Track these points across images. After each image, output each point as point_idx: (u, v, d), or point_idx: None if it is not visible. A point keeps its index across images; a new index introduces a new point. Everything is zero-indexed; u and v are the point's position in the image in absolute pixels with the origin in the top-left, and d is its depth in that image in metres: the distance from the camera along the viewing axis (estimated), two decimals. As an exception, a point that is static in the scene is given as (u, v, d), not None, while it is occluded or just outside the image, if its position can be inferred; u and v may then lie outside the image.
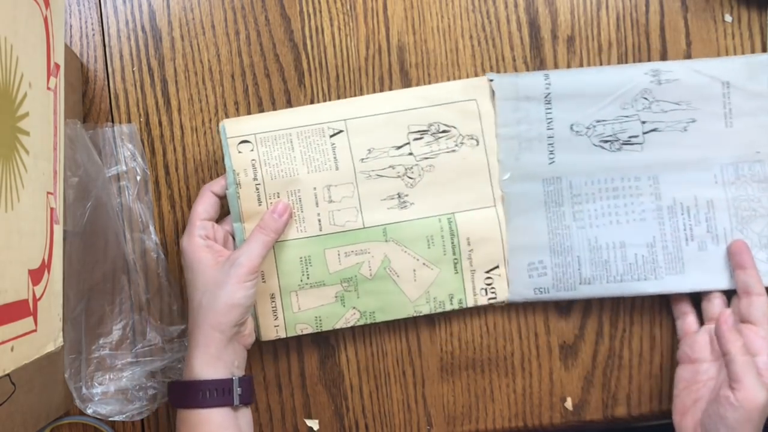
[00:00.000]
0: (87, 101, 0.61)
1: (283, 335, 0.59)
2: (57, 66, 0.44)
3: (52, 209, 0.42)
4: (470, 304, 0.59)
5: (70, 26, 0.61)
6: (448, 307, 0.59)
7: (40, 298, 0.39)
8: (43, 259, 0.40)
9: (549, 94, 0.59)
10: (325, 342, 0.62)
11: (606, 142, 0.59)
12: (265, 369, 0.62)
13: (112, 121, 0.61)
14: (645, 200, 0.60)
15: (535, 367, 0.63)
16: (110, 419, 0.58)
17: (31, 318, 0.38)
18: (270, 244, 0.55)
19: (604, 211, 0.60)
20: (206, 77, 0.61)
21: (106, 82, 0.61)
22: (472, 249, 0.59)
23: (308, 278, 0.58)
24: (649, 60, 0.62)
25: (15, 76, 0.37)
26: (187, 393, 0.53)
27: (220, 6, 0.61)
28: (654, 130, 0.59)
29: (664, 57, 0.62)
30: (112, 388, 0.58)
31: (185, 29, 0.61)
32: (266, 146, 0.57)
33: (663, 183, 0.60)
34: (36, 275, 0.39)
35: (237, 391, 0.53)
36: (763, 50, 0.63)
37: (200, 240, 0.54)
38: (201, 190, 0.57)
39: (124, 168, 0.60)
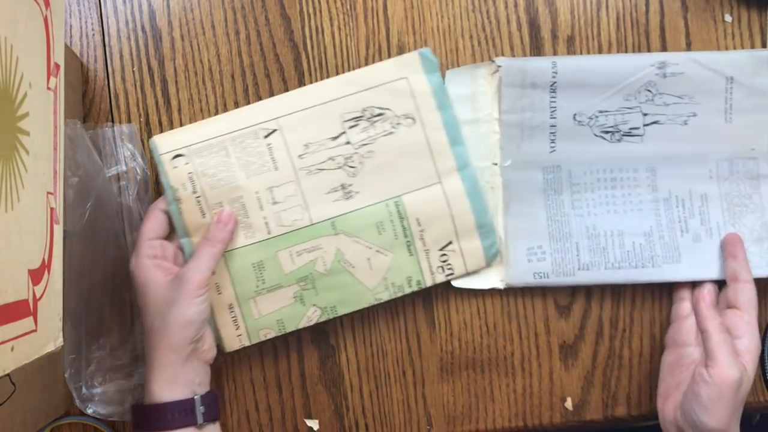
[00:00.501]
0: (87, 101, 0.61)
1: (246, 343, 0.58)
2: (57, 66, 0.44)
3: (52, 209, 0.42)
4: (429, 283, 0.59)
5: (70, 26, 0.61)
6: (408, 290, 0.59)
7: (40, 298, 0.39)
8: (43, 259, 0.40)
9: (555, 82, 0.59)
10: (325, 342, 0.62)
11: (607, 132, 0.60)
12: (265, 369, 0.62)
13: (112, 121, 0.61)
14: (642, 191, 0.61)
15: (535, 367, 0.63)
16: (110, 419, 0.58)
17: (31, 318, 0.38)
18: (218, 255, 0.54)
19: (603, 201, 0.61)
20: (206, 77, 0.61)
21: (106, 82, 0.61)
22: (423, 229, 0.58)
23: (264, 283, 0.57)
24: (649, 60, 0.62)
25: (15, 76, 0.37)
26: (148, 417, 0.52)
27: (220, 6, 0.61)
28: (655, 122, 0.60)
29: (664, 57, 0.62)
30: (112, 388, 0.58)
31: (185, 29, 0.61)
32: (201, 157, 0.56)
33: (660, 175, 0.61)
34: (36, 275, 0.39)
35: (200, 409, 0.52)
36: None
37: (148, 260, 0.53)
38: (149, 208, 0.56)
39: (124, 168, 0.60)
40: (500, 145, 0.60)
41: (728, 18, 0.63)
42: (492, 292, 0.62)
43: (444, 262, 0.59)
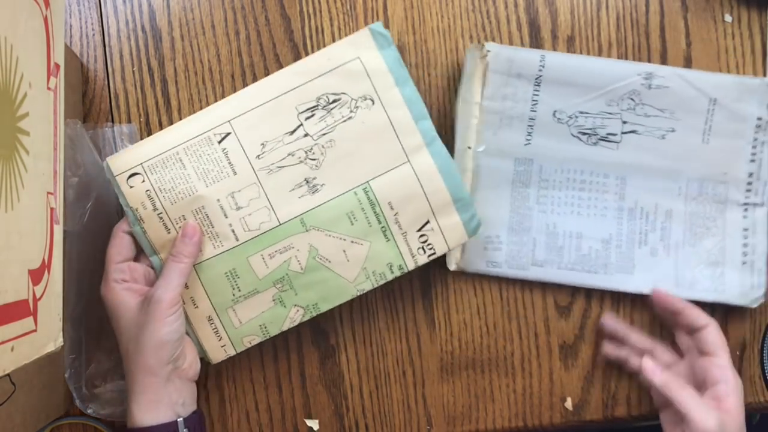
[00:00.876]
0: (87, 101, 0.61)
1: (232, 353, 0.58)
2: (57, 66, 0.44)
3: (52, 209, 0.42)
4: (411, 266, 0.57)
5: (70, 26, 0.61)
6: (390, 277, 0.57)
7: (40, 298, 0.39)
8: (43, 259, 0.40)
9: (540, 76, 0.59)
10: (325, 342, 0.62)
11: (584, 134, 0.60)
12: (265, 369, 0.62)
13: (112, 121, 0.61)
14: (609, 198, 0.61)
15: (535, 367, 0.63)
16: (110, 419, 0.58)
17: (31, 318, 0.38)
18: (186, 270, 0.53)
19: (568, 201, 0.61)
20: (206, 77, 0.61)
21: (106, 82, 0.61)
22: (397, 212, 0.55)
23: (240, 291, 0.56)
24: (648, 60, 0.62)
25: (15, 76, 0.37)
26: None
27: (220, 6, 0.61)
28: (633, 132, 0.60)
29: (664, 57, 0.62)
30: (112, 388, 0.58)
31: (185, 29, 0.61)
32: (156, 173, 0.54)
33: (629, 185, 0.61)
34: (36, 275, 0.39)
35: None
36: (763, 50, 0.63)
37: (116, 284, 0.52)
38: (112, 231, 0.55)
39: (124, 168, 0.60)
40: (477, 130, 0.60)
41: (728, 18, 0.63)
42: (492, 292, 0.62)
43: (424, 242, 0.56)
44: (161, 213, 0.54)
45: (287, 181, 0.55)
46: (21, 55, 0.38)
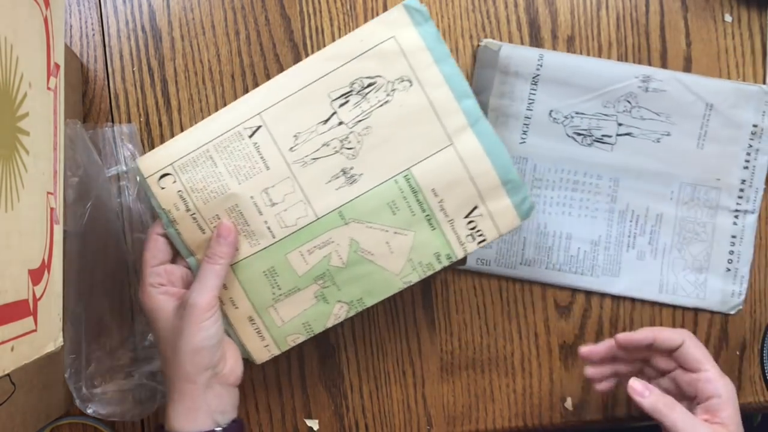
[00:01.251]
0: (87, 101, 0.61)
1: (276, 352, 0.56)
2: (57, 66, 0.44)
3: (52, 209, 0.42)
4: (460, 255, 0.53)
5: (70, 26, 0.61)
6: (438, 267, 0.54)
7: (40, 298, 0.39)
8: (43, 259, 0.40)
9: (538, 75, 0.59)
10: (325, 342, 0.62)
11: (579, 135, 0.60)
12: (265, 369, 0.62)
13: (112, 121, 0.61)
14: (601, 199, 0.62)
15: (535, 367, 0.63)
16: (110, 419, 0.58)
17: (31, 318, 0.38)
18: (222, 271, 0.51)
19: (560, 201, 0.62)
20: (206, 77, 0.61)
21: (106, 82, 0.61)
22: (442, 199, 0.52)
23: (279, 289, 0.54)
24: (648, 60, 0.62)
25: (15, 76, 0.37)
26: None
27: (220, 6, 0.61)
28: (628, 134, 0.60)
29: (664, 57, 0.62)
30: (112, 388, 0.58)
31: (185, 29, 0.61)
32: (187, 172, 0.52)
33: (622, 187, 0.61)
34: (36, 275, 0.39)
35: None
36: (763, 50, 0.63)
37: (152, 289, 0.51)
38: (147, 234, 0.53)
39: (124, 168, 0.60)
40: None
41: (728, 18, 0.63)
42: (492, 292, 0.62)
43: (473, 229, 0.53)
44: (194, 213, 0.52)
45: (323, 172, 0.52)
46: (21, 55, 0.38)
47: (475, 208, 0.53)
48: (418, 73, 0.51)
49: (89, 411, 0.57)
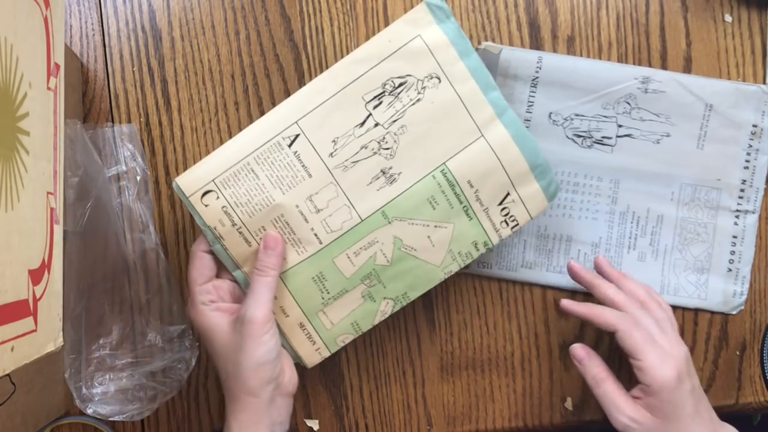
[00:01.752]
0: (87, 101, 0.61)
1: (327, 354, 0.57)
2: (57, 66, 0.44)
3: (52, 209, 0.42)
4: (496, 241, 0.55)
5: (70, 26, 0.61)
6: (476, 255, 0.55)
7: (40, 298, 0.39)
8: (43, 259, 0.40)
9: (537, 77, 0.59)
10: (325, 342, 0.62)
11: (579, 137, 0.60)
12: (265, 369, 0.62)
13: (112, 121, 0.61)
14: (602, 201, 0.61)
15: (535, 367, 0.63)
16: (110, 419, 0.58)
17: (31, 318, 0.38)
18: (273, 283, 0.51)
19: (560, 203, 0.62)
20: (206, 77, 0.61)
21: (106, 82, 0.61)
22: (477, 189, 0.53)
23: (328, 293, 0.54)
24: (648, 60, 0.62)
25: (15, 76, 0.37)
26: None
27: (220, 6, 0.61)
28: (628, 135, 0.60)
29: (664, 57, 0.62)
30: (112, 388, 0.58)
31: (185, 29, 0.61)
32: (230, 187, 0.52)
33: (623, 189, 0.61)
34: (36, 275, 0.39)
35: None
36: (763, 50, 0.63)
37: (204, 307, 0.51)
38: (190, 252, 0.54)
39: (124, 168, 0.60)
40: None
41: (728, 18, 0.63)
42: (492, 292, 0.62)
43: (506, 215, 0.55)
44: (240, 228, 0.52)
45: (363, 175, 0.53)
46: (21, 55, 0.38)
47: (507, 195, 0.54)
48: (445, 69, 0.52)
49: (89, 411, 0.57)
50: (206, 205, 0.52)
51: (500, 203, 0.54)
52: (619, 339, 0.52)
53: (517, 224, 0.55)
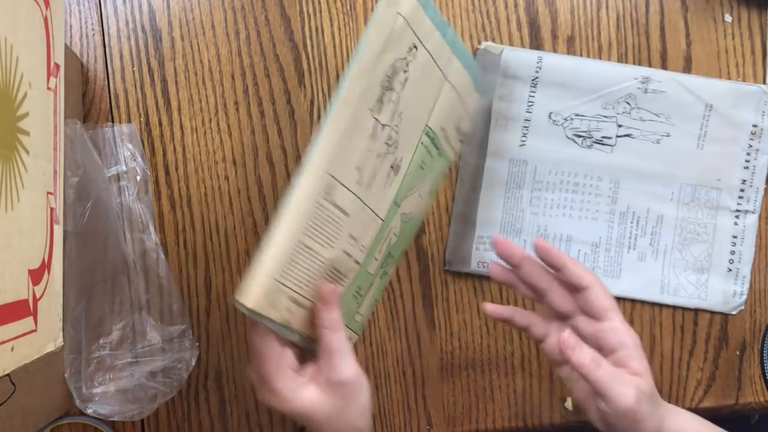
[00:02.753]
0: (87, 101, 0.61)
1: (355, 339, 0.55)
2: (57, 66, 0.44)
3: (52, 209, 0.42)
4: (453, 159, 0.57)
5: (70, 26, 0.61)
6: (443, 180, 0.57)
7: (40, 298, 0.39)
8: (43, 259, 0.40)
9: (537, 78, 0.59)
10: (325, 342, 0.62)
11: (579, 137, 0.60)
12: (265, 369, 0.62)
13: (112, 121, 0.61)
14: (602, 201, 0.62)
15: (535, 367, 0.63)
16: (110, 419, 0.58)
17: (31, 318, 0.38)
18: (344, 333, 0.47)
19: (560, 203, 0.62)
20: (206, 77, 0.61)
21: (106, 82, 0.61)
22: (445, 128, 0.54)
23: (362, 296, 0.53)
24: (648, 60, 0.62)
25: (15, 76, 0.37)
26: None
27: (220, 6, 0.61)
28: (628, 135, 0.60)
29: (664, 57, 0.62)
30: (112, 388, 0.58)
31: (185, 29, 0.61)
32: (291, 276, 0.46)
33: (623, 189, 0.62)
34: (36, 275, 0.39)
35: None
36: (763, 50, 0.63)
37: (293, 393, 0.46)
38: (260, 348, 0.47)
39: (124, 168, 0.60)
40: None
41: (728, 18, 0.63)
42: (492, 292, 0.62)
43: (457, 129, 0.56)
44: (303, 307, 0.48)
45: (381, 181, 0.50)
46: (21, 55, 0.38)
47: (461, 122, 0.56)
48: (418, 33, 0.49)
49: (89, 411, 0.57)
50: (277, 309, 0.46)
51: (458, 129, 0.56)
52: (589, 297, 0.49)
53: (464, 134, 0.56)
